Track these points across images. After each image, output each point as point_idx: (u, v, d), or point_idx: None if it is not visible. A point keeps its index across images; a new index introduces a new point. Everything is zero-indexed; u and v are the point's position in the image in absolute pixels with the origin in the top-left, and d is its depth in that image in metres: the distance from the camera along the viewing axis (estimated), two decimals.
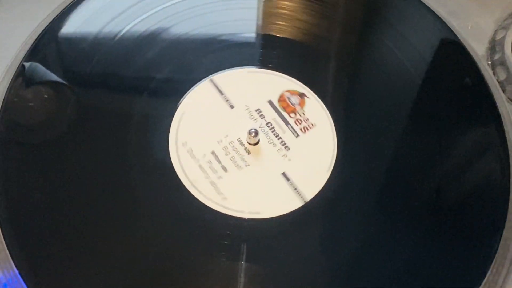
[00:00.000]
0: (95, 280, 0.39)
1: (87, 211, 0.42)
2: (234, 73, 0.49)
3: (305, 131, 0.47)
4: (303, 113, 0.47)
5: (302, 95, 0.48)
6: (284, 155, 0.45)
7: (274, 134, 0.46)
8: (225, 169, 0.45)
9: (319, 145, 0.46)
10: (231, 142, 0.46)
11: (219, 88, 0.48)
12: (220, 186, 0.44)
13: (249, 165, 0.45)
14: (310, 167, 0.45)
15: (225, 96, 0.48)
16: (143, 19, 0.50)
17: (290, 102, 0.47)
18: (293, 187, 0.44)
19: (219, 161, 0.45)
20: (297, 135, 0.46)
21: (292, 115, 0.47)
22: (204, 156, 0.45)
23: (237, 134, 0.46)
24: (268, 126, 0.47)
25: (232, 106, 0.47)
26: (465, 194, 0.44)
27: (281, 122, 0.47)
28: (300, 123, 0.47)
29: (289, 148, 0.46)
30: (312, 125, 0.47)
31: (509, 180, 0.44)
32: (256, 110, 0.47)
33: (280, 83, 0.49)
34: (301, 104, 0.47)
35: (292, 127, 0.47)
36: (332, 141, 0.46)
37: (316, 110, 0.47)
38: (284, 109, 0.47)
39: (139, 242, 0.41)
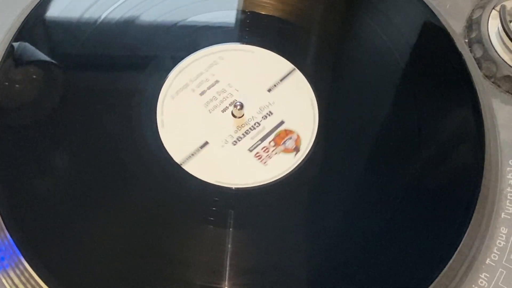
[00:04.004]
0: (86, 245, 0.40)
1: (78, 183, 0.43)
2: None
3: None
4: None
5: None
6: None
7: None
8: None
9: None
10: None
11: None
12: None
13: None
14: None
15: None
16: None
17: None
18: None
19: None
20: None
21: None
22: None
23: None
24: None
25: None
26: (441, 168, 0.46)
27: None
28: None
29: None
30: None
31: (484, 154, 0.45)
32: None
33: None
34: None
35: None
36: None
37: None
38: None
39: (130, 210, 0.42)
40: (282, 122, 0.47)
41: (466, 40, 0.52)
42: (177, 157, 0.45)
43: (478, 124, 0.47)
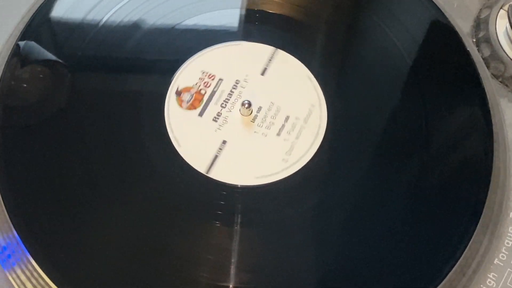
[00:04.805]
0: (92, 242, 0.40)
1: (85, 181, 0.43)
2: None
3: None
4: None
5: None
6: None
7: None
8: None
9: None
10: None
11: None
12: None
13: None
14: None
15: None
16: None
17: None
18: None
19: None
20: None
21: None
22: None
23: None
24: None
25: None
26: (450, 167, 0.45)
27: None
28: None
29: None
30: None
31: (492, 154, 0.45)
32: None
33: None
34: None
35: None
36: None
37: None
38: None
39: (136, 209, 0.42)
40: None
41: (474, 40, 0.52)
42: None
43: (487, 124, 0.46)
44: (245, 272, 0.40)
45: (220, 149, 0.45)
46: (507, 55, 0.50)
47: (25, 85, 0.46)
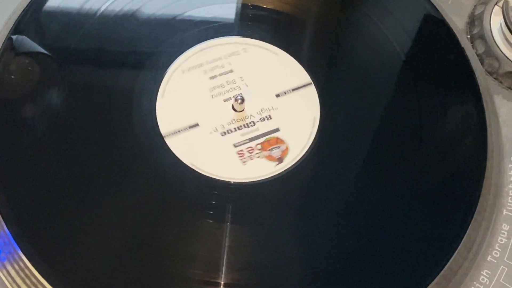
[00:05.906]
0: (83, 239, 0.40)
1: (75, 176, 0.42)
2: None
3: None
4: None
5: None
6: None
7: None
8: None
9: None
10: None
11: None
12: None
13: None
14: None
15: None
16: None
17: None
18: None
19: None
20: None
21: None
22: None
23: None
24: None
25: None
26: (443, 164, 0.45)
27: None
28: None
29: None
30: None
31: (486, 151, 0.45)
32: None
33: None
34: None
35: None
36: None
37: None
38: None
39: (126, 204, 0.42)
40: (277, 130, 0.46)
41: (468, 36, 0.52)
42: (164, 129, 0.45)
43: (480, 121, 0.46)
44: (237, 269, 0.40)
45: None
46: (501, 51, 0.50)
47: (12, 77, 0.46)
